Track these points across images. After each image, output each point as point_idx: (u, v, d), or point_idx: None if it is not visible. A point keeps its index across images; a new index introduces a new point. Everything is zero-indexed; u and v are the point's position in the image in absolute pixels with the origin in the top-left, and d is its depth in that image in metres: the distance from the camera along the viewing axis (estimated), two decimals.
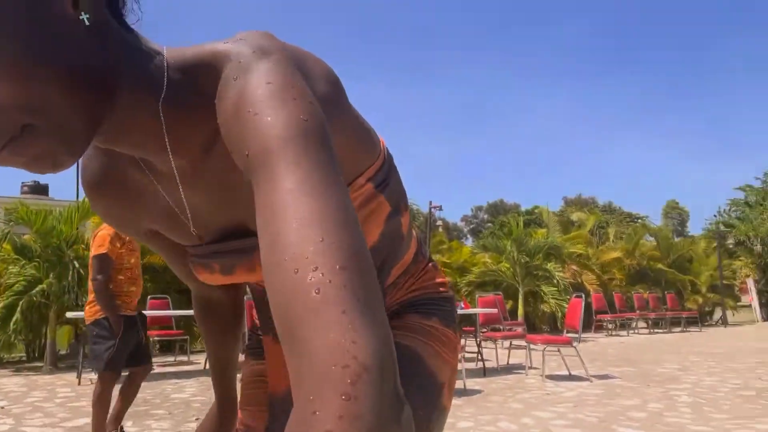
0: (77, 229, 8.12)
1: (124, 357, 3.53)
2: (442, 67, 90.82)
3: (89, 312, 3.56)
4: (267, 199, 0.45)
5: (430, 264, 0.98)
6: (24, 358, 8.48)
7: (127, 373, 3.68)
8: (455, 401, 5.02)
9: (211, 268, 0.77)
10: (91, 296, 3.56)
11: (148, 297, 8.13)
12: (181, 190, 0.68)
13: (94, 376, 6.67)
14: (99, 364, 3.48)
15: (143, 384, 5.98)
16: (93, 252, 3.56)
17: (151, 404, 4.98)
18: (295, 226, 0.41)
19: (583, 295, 6.92)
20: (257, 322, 1.02)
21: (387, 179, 0.78)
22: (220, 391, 1.02)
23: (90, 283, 3.56)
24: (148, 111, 0.59)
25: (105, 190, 0.74)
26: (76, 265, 7.50)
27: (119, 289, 3.57)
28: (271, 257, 0.41)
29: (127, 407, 3.65)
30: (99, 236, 3.59)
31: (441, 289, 0.96)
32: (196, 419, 4.36)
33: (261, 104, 0.50)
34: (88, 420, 4.35)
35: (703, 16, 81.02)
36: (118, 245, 3.57)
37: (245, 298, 1.12)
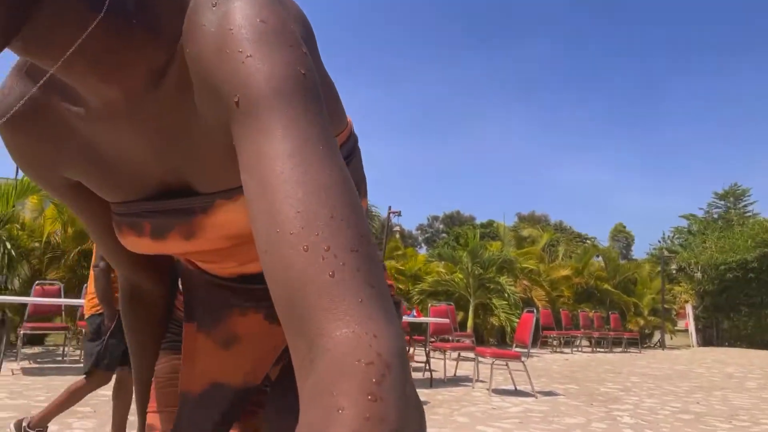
0: (13, 207, 7.61)
1: (117, 356, 3.20)
2: (404, 72, 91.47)
3: (88, 305, 3.30)
4: (262, 159, 0.40)
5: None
6: None
7: (115, 376, 3.33)
8: None
9: (140, 229, 0.63)
10: (91, 287, 3.29)
11: (84, 285, 7.69)
12: (115, 130, 0.56)
13: (16, 365, 6.24)
14: (88, 362, 3.25)
15: (69, 378, 5.62)
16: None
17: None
18: (301, 196, 0.37)
19: (535, 311, 6.93)
20: (179, 307, 0.86)
21: (350, 157, 0.67)
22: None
23: (91, 272, 3.24)
24: (80, 18, 0.46)
25: (22, 124, 0.60)
26: (8, 246, 7.00)
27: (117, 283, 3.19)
28: (272, 228, 0.37)
29: (126, 414, 3.32)
30: None
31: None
32: None
33: (254, 46, 0.43)
34: (3, 414, 4.00)
35: (658, 50, 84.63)
36: None
37: None
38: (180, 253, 0.67)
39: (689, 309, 18.69)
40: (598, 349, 13.80)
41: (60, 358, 7.09)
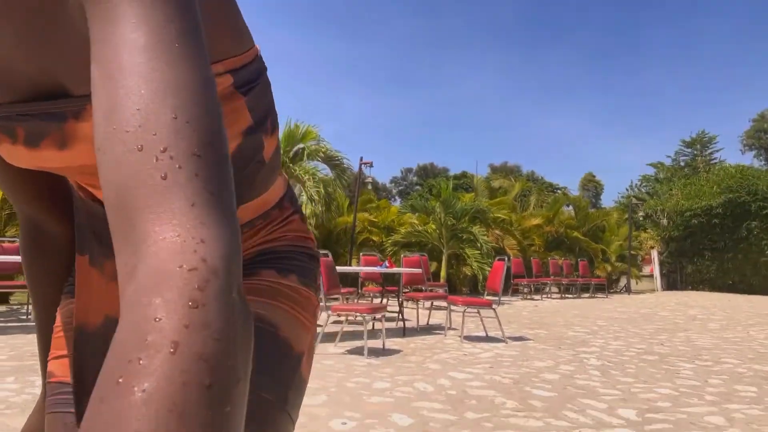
0: None
1: None
2: (377, 24, 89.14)
3: None
4: (107, 47, 0.35)
5: (296, 215, 0.79)
6: None
7: None
8: (374, 361, 4.92)
9: (14, 136, 0.56)
10: None
11: None
12: None
13: None
14: None
15: (32, 337, 5.49)
16: None
17: (37, 358, 4.51)
18: (144, 93, 0.34)
19: (506, 259, 6.98)
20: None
21: (253, 84, 0.59)
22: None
23: None
24: None
25: None
26: None
27: None
28: (109, 124, 0.34)
29: None
30: None
31: (306, 244, 0.78)
32: None
33: None
34: None
35: (631, 3, 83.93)
36: None
37: None
38: (58, 168, 0.59)
39: (655, 255, 19.25)
40: (566, 296, 14.16)
41: (24, 317, 6.92)
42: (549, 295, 13.85)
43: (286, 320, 0.69)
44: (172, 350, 0.26)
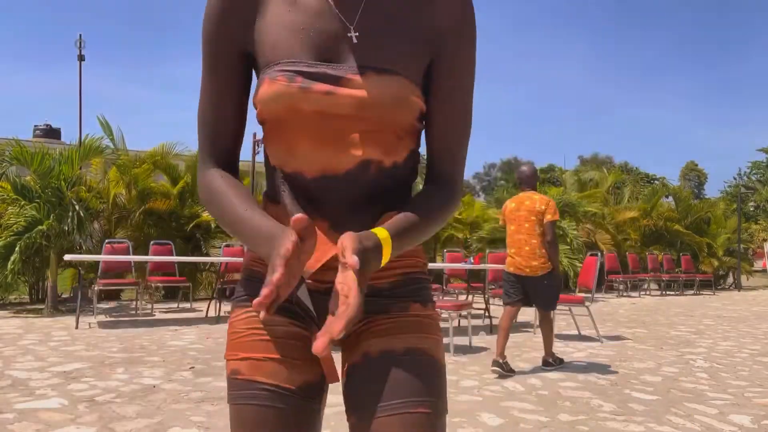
0: (80, 169, 7.91)
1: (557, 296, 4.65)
2: None
3: (542, 266, 4.45)
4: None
5: None
6: (26, 300, 8.46)
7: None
8: (460, 358, 4.84)
9: (291, 79, 0.78)
10: (543, 250, 4.44)
11: (151, 243, 7.99)
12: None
13: (93, 319, 6.63)
14: (549, 306, 4.58)
15: (141, 330, 5.90)
16: (551, 218, 4.44)
17: (146, 351, 4.85)
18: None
19: (599, 254, 6.63)
20: (253, 264, 0.90)
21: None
22: (266, 221, 0.78)
23: (540, 241, 4.44)
24: None
25: None
26: (77, 207, 7.32)
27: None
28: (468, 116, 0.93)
29: (550, 338, 4.63)
30: (553, 204, 4.52)
31: (425, 268, 0.95)
32: (191, 368, 4.22)
33: None
34: (79, 365, 4.23)
35: None
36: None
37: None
38: (311, 110, 0.78)
39: None
40: (668, 293, 13.28)
41: (133, 312, 7.47)
42: (648, 292, 13.03)
43: (436, 346, 0.87)
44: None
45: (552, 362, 4.57)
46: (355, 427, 0.82)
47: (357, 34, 0.79)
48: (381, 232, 0.76)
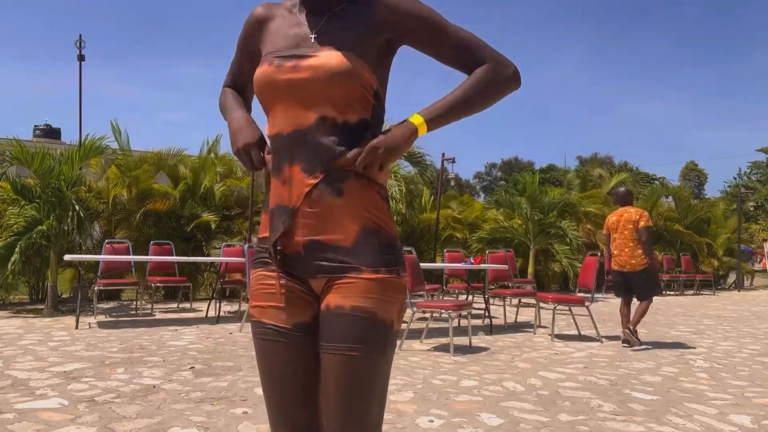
0: (80, 169, 7.91)
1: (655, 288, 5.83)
2: (455, 11, 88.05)
3: (640, 263, 5.64)
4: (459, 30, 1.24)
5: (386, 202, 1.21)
6: (26, 301, 8.45)
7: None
8: (460, 358, 4.84)
9: (271, 62, 1.16)
10: (639, 250, 5.63)
11: (151, 243, 7.99)
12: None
13: (93, 319, 6.62)
14: (648, 296, 5.69)
15: (141, 330, 5.90)
16: (645, 224, 5.65)
17: (147, 351, 4.85)
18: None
19: (599, 254, 6.63)
20: (261, 248, 1.22)
21: None
22: (240, 112, 1.27)
23: (635, 241, 5.67)
24: None
25: (268, 12, 1.25)
26: (77, 208, 7.32)
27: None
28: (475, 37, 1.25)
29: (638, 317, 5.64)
30: (646, 214, 5.78)
31: (387, 230, 1.17)
32: (191, 368, 4.22)
33: None
34: (79, 365, 4.23)
35: None
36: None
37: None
38: (283, 81, 1.13)
39: None
40: (668, 293, 13.27)
41: (134, 312, 7.47)
42: None
43: (377, 305, 1.11)
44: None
45: (632, 342, 5.53)
46: (320, 356, 1.13)
47: (316, 36, 1.15)
48: (414, 117, 1.14)
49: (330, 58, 1.10)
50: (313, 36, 1.15)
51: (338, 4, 1.18)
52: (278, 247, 1.15)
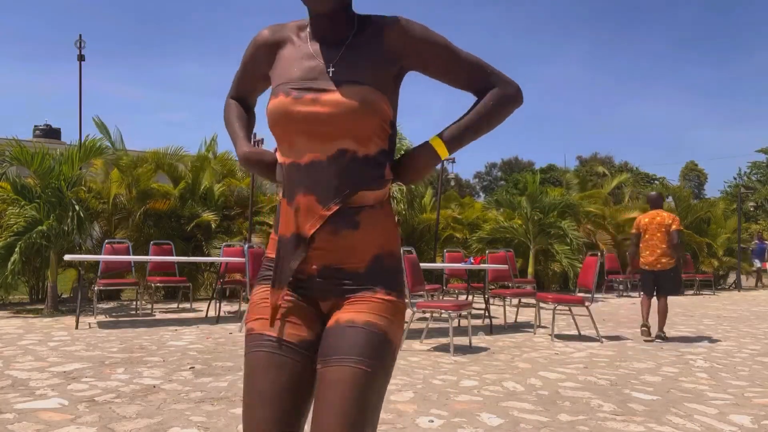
0: (80, 169, 7.91)
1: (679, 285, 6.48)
2: (457, 13, 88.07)
3: (669, 263, 6.17)
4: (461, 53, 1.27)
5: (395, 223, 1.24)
6: (26, 301, 8.45)
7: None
8: (460, 358, 4.84)
9: (287, 94, 1.15)
10: (669, 251, 6.16)
11: (151, 243, 7.99)
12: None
13: (93, 319, 6.63)
14: (673, 292, 6.36)
15: (141, 330, 5.90)
16: (676, 227, 6.16)
17: (146, 351, 4.85)
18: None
19: (599, 254, 6.63)
20: (270, 255, 1.23)
21: None
22: (241, 132, 1.33)
23: (666, 243, 6.18)
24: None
25: (276, 37, 1.25)
26: (77, 208, 7.32)
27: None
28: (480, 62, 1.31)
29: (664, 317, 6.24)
30: (677, 218, 6.28)
31: (395, 252, 1.20)
32: (191, 368, 4.22)
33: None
34: (79, 365, 4.23)
35: None
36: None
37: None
38: (302, 114, 1.11)
39: None
40: None
41: (134, 312, 7.47)
42: None
43: (388, 325, 1.14)
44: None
45: (663, 336, 6.09)
46: (318, 371, 1.11)
47: (333, 69, 1.14)
48: (434, 140, 1.19)
49: (350, 94, 1.10)
50: (330, 70, 1.14)
51: (349, 31, 1.19)
52: (291, 277, 1.15)
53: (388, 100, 1.15)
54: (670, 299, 11.70)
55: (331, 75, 1.14)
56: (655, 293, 6.26)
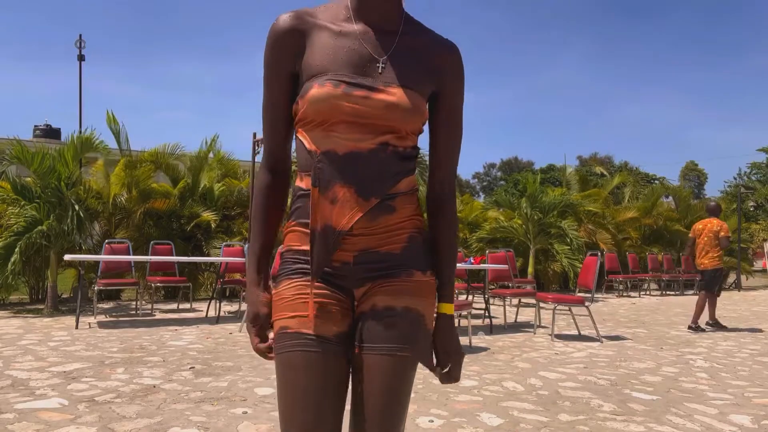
0: (80, 169, 7.90)
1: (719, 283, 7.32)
2: (451, 13, 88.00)
3: (712, 263, 7.13)
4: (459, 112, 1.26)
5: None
6: (26, 301, 8.45)
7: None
8: None
9: (337, 85, 1.09)
10: (712, 253, 7.13)
11: (151, 243, 7.99)
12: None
13: (93, 319, 6.63)
14: (710, 288, 7.13)
15: (141, 330, 5.89)
16: (725, 234, 7.08)
17: (146, 351, 4.85)
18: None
19: (599, 254, 6.63)
20: (293, 245, 1.18)
21: None
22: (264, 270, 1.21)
23: (712, 247, 7.15)
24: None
25: (300, 23, 1.14)
26: (77, 208, 7.31)
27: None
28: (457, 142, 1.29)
29: (708, 307, 7.21)
30: (726, 226, 7.19)
31: (423, 227, 1.23)
32: (191, 368, 4.22)
33: None
34: (79, 365, 4.23)
35: None
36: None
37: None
38: (350, 108, 1.08)
39: (767, 248, 17.58)
40: (668, 292, 13.27)
41: (134, 312, 7.47)
42: (648, 292, 13.03)
43: (425, 305, 1.16)
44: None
45: (698, 328, 6.95)
46: (357, 356, 1.13)
47: (383, 65, 1.12)
48: (447, 307, 1.23)
49: (402, 97, 1.11)
50: (380, 66, 1.12)
51: (399, 22, 1.16)
52: (326, 268, 1.14)
53: (426, 107, 1.17)
54: (675, 299, 11.66)
55: (380, 71, 1.12)
56: (702, 290, 7.26)
